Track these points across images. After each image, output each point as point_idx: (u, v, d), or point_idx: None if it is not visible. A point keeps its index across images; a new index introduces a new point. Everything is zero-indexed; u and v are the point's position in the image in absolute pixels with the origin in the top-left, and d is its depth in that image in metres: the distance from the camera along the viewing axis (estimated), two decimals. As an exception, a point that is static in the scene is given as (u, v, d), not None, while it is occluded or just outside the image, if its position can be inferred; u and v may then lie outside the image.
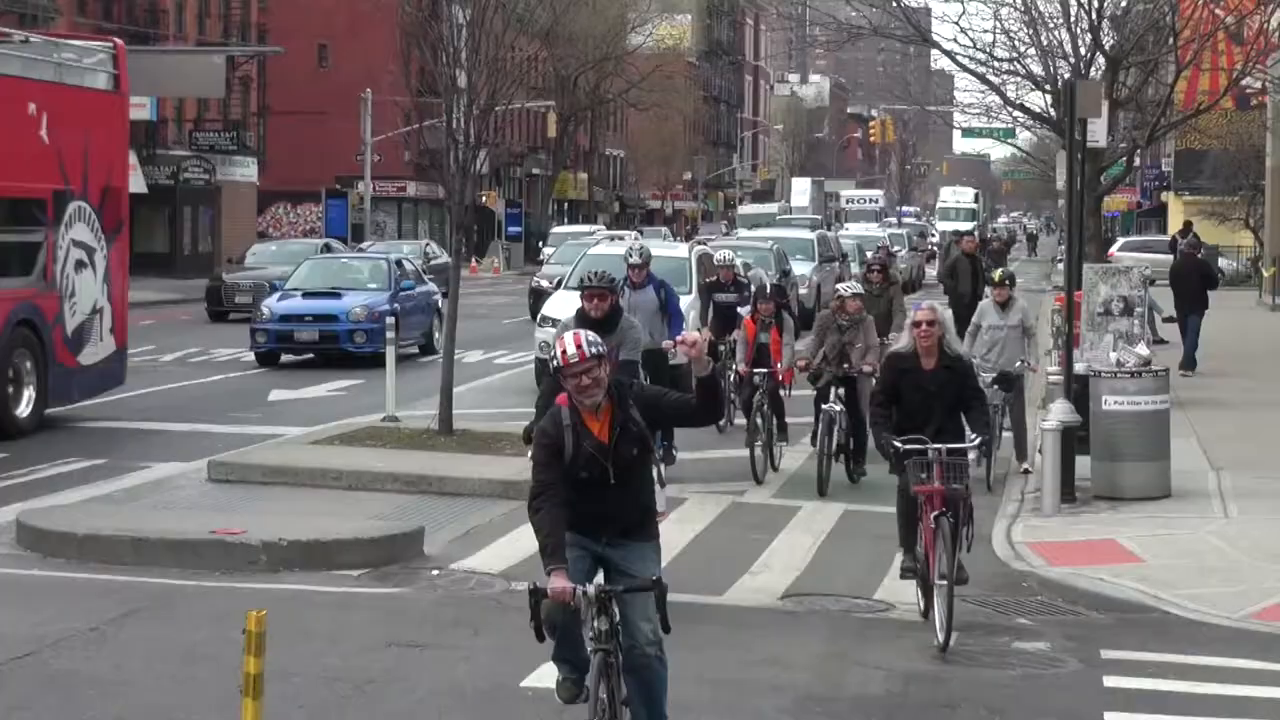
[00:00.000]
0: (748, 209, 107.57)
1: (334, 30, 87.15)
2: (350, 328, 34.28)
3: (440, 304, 35.83)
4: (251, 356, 34.59)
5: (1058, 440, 18.56)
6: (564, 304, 30.64)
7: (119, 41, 26.29)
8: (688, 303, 28.88)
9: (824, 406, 20.30)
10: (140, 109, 66.03)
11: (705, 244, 39.60)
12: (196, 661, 12.16)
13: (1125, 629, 14.15)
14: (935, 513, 13.35)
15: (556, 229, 72.64)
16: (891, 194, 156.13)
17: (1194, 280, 33.86)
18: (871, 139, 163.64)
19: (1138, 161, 55.15)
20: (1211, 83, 38.05)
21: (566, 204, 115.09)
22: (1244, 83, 38.94)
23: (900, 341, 14.55)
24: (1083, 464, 19.47)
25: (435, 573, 15.69)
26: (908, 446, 13.48)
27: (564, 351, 9.32)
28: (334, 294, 35.51)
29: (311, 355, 34.62)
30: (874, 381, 21.14)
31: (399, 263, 38.17)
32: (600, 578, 9.63)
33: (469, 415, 23.87)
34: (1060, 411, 18.98)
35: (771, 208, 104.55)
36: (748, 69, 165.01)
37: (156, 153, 72.52)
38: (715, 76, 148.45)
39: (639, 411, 9.53)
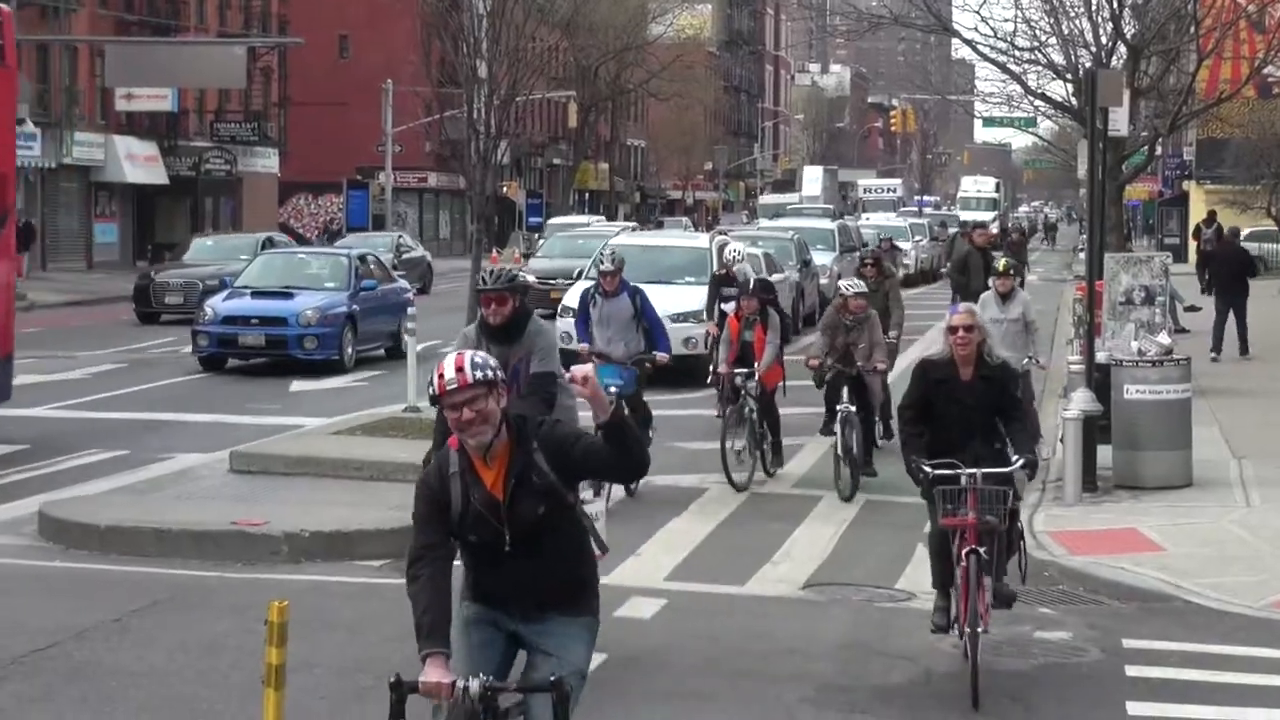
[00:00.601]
0: (768, 199, 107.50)
1: (354, 21, 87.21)
2: (300, 332, 30.97)
3: (409, 304, 32.73)
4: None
5: (1079, 429, 18.55)
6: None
7: (4, 8, 22.20)
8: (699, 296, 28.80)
9: (838, 407, 19.65)
10: (161, 100, 66.25)
11: (726, 234, 39.62)
12: (219, 652, 12.18)
13: (1147, 618, 14.13)
14: (966, 549, 11.79)
15: (554, 220, 72.22)
16: (912, 183, 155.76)
17: (1234, 267, 34.27)
18: (892, 129, 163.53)
19: (1159, 150, 54.95)
20: (1233, 71, 38.03)
21: (587, 194, 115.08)
22: (1266, 71, 38.81)
23: (935, 348, 12.97)
24: (1104, 453, 19.43)
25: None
26: (938, 472, 11.93)
27: (440, 375, 7.45)
28: (285, 294, 32.19)
29: (263, 360, 31.52)
30: (883, 379, 21.01)
31: (362, 258, 34.85)
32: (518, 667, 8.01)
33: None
34: (1082, 400, 18.96)
35: (792, 197, 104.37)
36: (768, 59, 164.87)
37: (178, 144, 72.68)
38: (736, 66, 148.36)
39: (546, 458, 7.57)
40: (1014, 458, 12.11)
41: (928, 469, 11.95)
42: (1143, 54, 34.14)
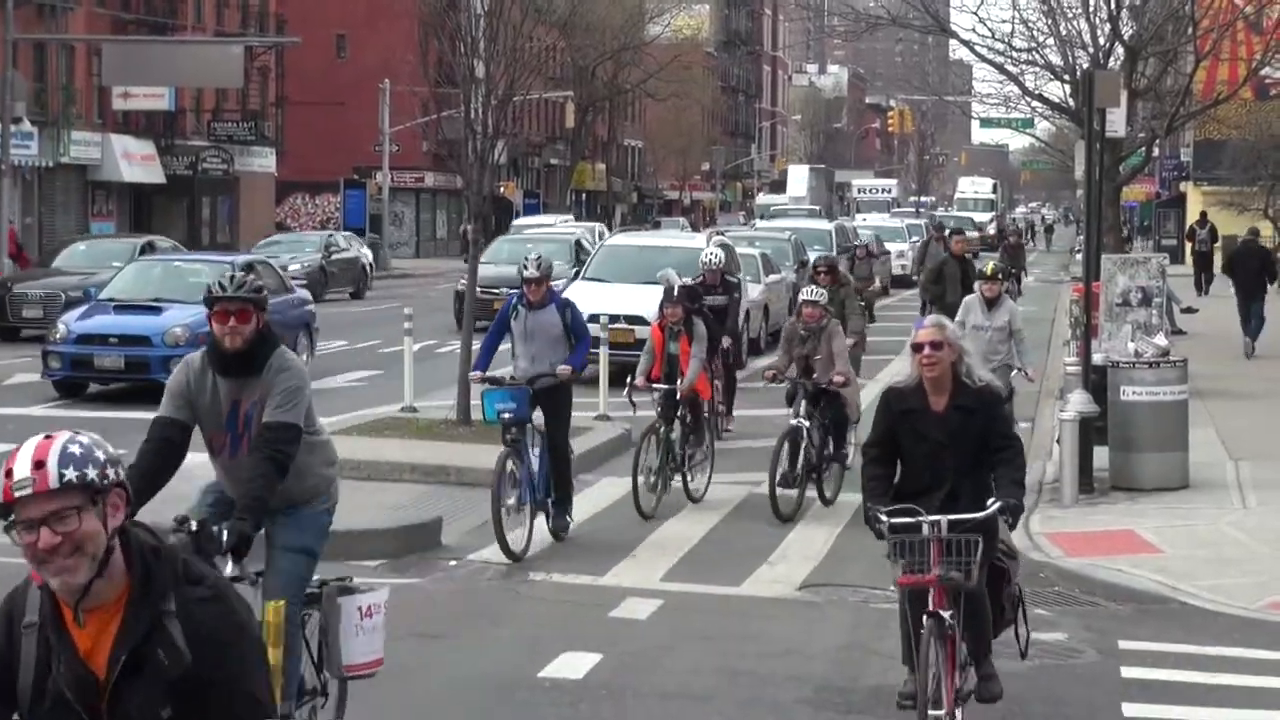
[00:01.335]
0: (764, 199, 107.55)
1: (352, 20, 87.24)
2: (166, 353, 25.76)
3: (312, 317, 29.84)
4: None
5: (1076, 431, 18.56)
6: (582, 295, 30.70)
7: None
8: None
9: (791, 421, 18.11)
10: (158, 99, 66.24)
11: (723, 235, 39.63)
12: (215, 651, 12.15)
13: (1143, 619, 14.13)
14: (928, 613, 9.99)
15: (518, 220, 71.23)
16: (909, 184, 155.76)
17: (1254, 267, 34.98)
18: (890, 129, 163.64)
19: (1156, 152, 54.98)
20: (1230, 73, 38.03)
21: (585, 194, 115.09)
22: (1263, 73, 38.83)
23: (901, 377, 10.76)
24: (1101, 455, 19.44)
25: (453, 563, 15.72)
26: (895, 520, 9.99)
27: (7, 472, 4.76)
28: (153, 308, 27.60)
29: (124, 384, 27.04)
30: (854, 392, 19.13)
31: (249, 266, 28.85)
32: None
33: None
34: (1078, 402, 18.97)
35: (783, 198, 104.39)
36: (766, 59, 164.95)
37: (175, 143, 72.64)
38: (733, 66, 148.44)
39: (184, 633, 4.80)
40: (990, 501, 10.04)
41: (883, 517, 10.02)
42: (1140, 55, 34.15)
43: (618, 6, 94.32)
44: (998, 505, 9.94)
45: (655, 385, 18.57)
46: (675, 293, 19.93)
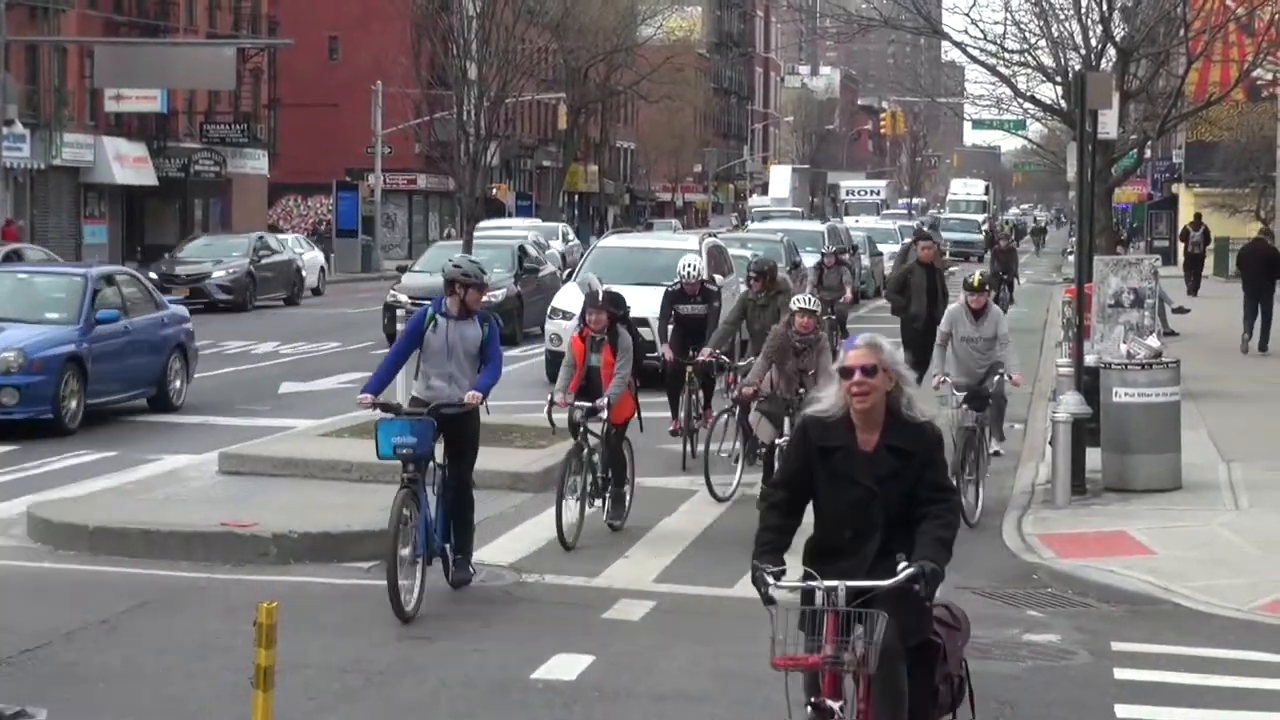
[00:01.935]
0: (756, 201, 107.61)
1: (344, 22, 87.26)
2: None
3: (189, 336, 26.65)
4: (268, 348, 33.01)
5: (1068, 432, 18.56)
6: (575, 297, 30.68)
7: None
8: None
9: (777, 441, 16.97)
10: (151, 101, 66.23)
11: (715, 236, 39.58)
12: (207, 654, 12.17)
13: (1135, 621, 14.14)
14: (811, 703, 8.26)
15: (485, 223, 67.20)
16: (901, 185, 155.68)
17: (1262, 266, 35.33)
18: (882, 131, 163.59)
19: (1148, 153, 55.03)
20: (1222, 74, 38.08)
21: (577, 196, 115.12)
22: (1255, 74, 38.86)
23: (823, 400, 8.56)
24: (1093, 456, 19.45)
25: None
26: (781, 584, 8.33)
27: None
28: None
29: None
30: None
31: (108, 279, 26.03)
32: None
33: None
34: (1071, 403, 18.97)
35: (766, 200, 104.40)
36: (758, 61, 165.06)
37: (167, 145, 72.69)
38: (725, 68, 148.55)
39: None
40: (901, 564, 8.13)
41: (769, 578, 8.28)
42: (1132, 57, 34.17)
43: (610, 8, 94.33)
44: (909, 572, 8.03)
45: (576, 404, 16.74)
46: (599, 298, 17.55)
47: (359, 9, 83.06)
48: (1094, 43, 33.42)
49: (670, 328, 23.03)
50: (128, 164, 69.21)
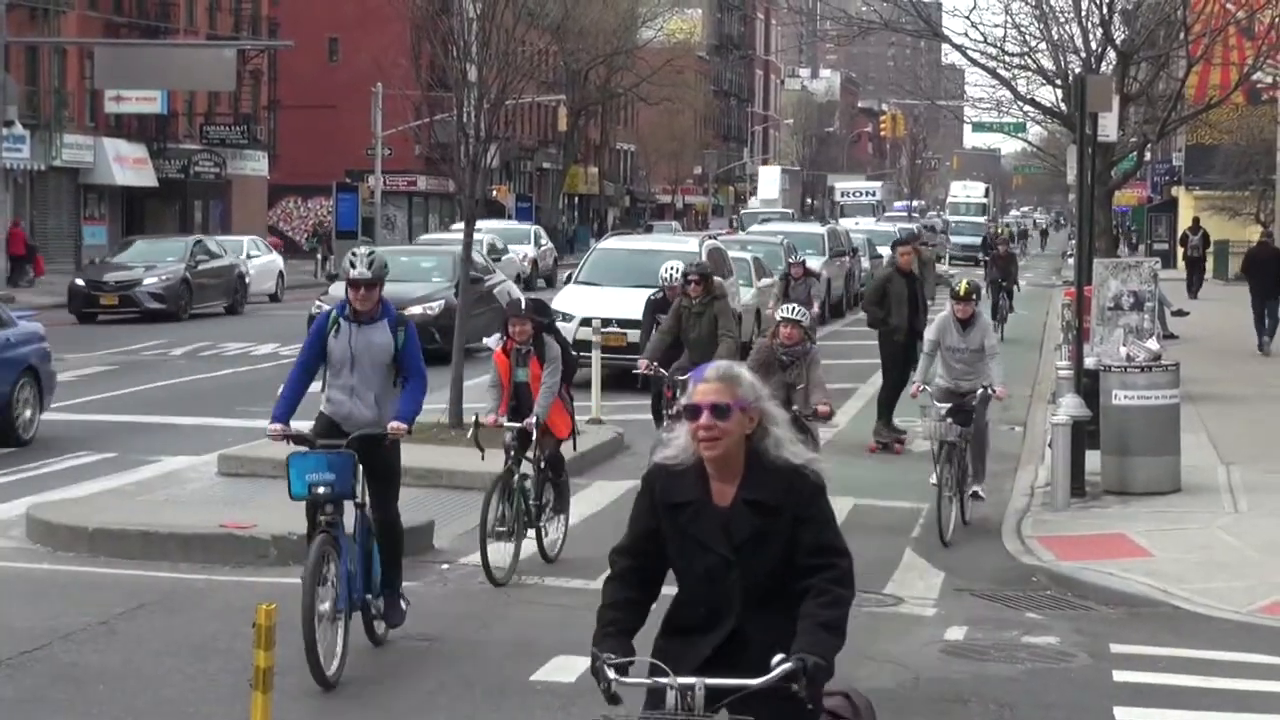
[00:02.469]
0: (750, 206, 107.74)
1: (344, 24, 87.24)
2: None
3: (43, 358, 22.91)
4: (267, 349, 33.00)
5: (1068, 435, 18.56)
6: (575, 299, 30.71)
7: None
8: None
9: None
10: (151, 103, 66.29)
11: (715, 238, 39.58)
12: (206, 655, 12.17)
13: (1135, 623, 14.14)
14: None
15: (453, 225, 61.87)
16: (899, 187, 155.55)
17: (1272, 268, 35.47)
18: (882, 134, 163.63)
19: (1148, 156, 55.09)
20: (1222, 77, 38.12)
21: (577, 198, 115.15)
22: (1255, 77, 38.95)
23: (670, 445, 6.66)
24: (1092, 458, 19.46)
25: (445, 567, 15.69)
26: (622, 680, 6.43)
27: None
28: None
29: None
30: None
31: None
32: None
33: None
34: (1070, 406, 18.99)
35: (755, 202, 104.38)
36: (758, 63, 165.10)
37: (167, 146, 72.73)
38: (726, 71, 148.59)
39: None
40: (777, 660, 6.21)
41: (612, 674, 6.40)
42: (1132, 60, 34.24)
43: (610, 10, 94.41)
44: (785, 668, 6.18)
45: (505, 425, 15.17)
46: (522, 306, 15.64)
47: (359, 11, 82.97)
48: (1094, 46, 33.51)
49: (653, 339, 20.71)
50: (128, 165, 69.25)
